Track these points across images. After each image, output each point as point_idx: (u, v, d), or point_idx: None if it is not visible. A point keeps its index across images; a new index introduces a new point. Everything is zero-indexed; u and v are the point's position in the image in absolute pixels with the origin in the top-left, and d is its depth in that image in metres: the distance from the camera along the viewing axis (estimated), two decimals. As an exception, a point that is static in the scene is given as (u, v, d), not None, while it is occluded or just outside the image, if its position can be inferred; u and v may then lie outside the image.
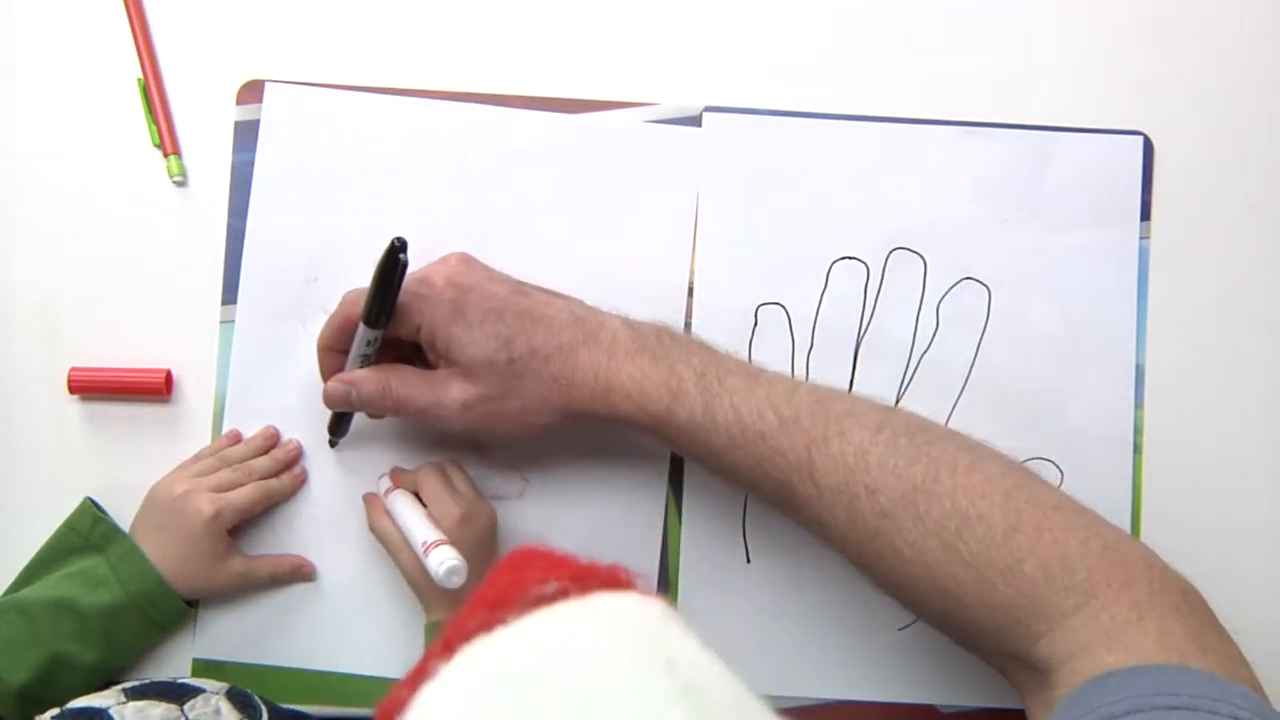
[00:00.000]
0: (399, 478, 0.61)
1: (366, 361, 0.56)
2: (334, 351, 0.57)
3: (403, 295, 0.54)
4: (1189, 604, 0.45)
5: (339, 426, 0.61)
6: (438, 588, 0.54)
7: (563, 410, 0.53)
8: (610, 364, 0.53)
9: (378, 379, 0.55)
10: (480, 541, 0.58)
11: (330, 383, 0.56)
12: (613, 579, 0.28)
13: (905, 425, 0.50)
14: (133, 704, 0.51)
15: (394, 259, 0.52)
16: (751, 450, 0.51)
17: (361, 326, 0.55)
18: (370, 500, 0.61)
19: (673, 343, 0.54)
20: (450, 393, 0.53)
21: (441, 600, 0.57)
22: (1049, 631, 0.45)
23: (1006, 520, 0.46)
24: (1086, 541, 0.46)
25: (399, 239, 0.52)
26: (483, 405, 0.53)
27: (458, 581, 0.53)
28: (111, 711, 0.49)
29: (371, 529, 0.60)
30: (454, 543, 0.55)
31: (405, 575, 0.58)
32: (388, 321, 0.54)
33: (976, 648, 0.50)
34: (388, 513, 0.59)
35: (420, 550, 0.55)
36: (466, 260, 0.56)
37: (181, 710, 0.52)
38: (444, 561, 0.53)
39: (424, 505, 0.58)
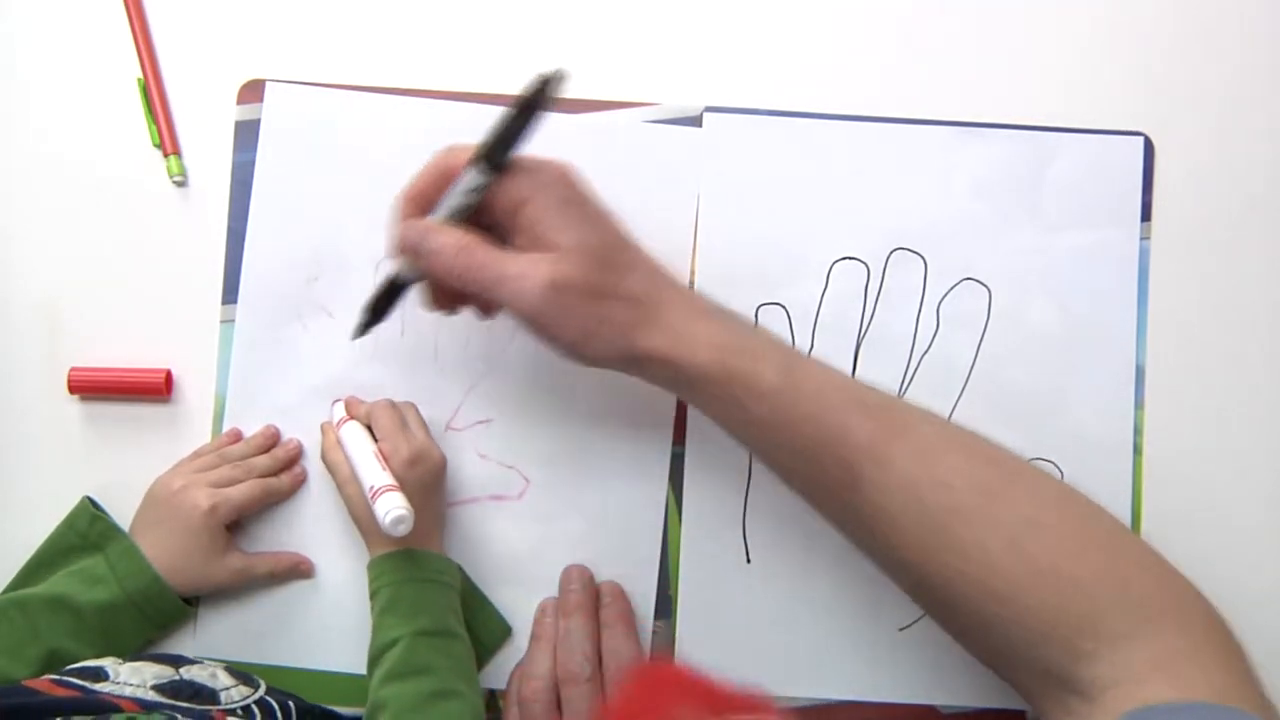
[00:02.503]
0: (353, 407, 0.61)
1: (455, 219, 0.50)
2: (416, 204, 0.52)
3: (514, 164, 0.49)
4: (1238, 647, 0.44)
5: (380, 305, 0.55)
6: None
7: (632, 346, 0.50)
8: (692, 310, 0.51)
9: (460, 232, 0.50)
10: (428, 484, 0.58)
11: (406, 221, 0.51)
12: (752, 705, 0.27)
13: (979, 437, 0.50)
14: (130, 664, 0.51)
15: (542, 92, 0.47)
16: (825, 424, 0.49)
17: (469, 171, 0.49)
18: (325, 429, 0.61)
19: (745, 319, 0.52)
20: (540, 268, 0.48)
21: (383, 538, 0.57)
22: (1096, 650, 0.44)
23: (1075, 531, 0.46)
24: (1147, 568, 0.45)
25: (555, 71, 0.47)
26: (568, 294, 0.48)
27: (403, 530, 0.54)
28: (108, 668, 0.50)
29: (323, 459, 0.61)
30: (401, 483, 0.55)
31: (350, 509, 0.59)
32: (506, 166, 0.49)
33: (1007, 662, 0.49)
34: (340, 444, 0.59)
35: (368, 493, 0.55)
36: (575, 170, 0.52)
37: (177, 671, 0.52)
38: (390, 510, 0.53)
39: (375, 440, 0.59)
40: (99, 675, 0.49)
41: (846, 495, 0.50)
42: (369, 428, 0.60)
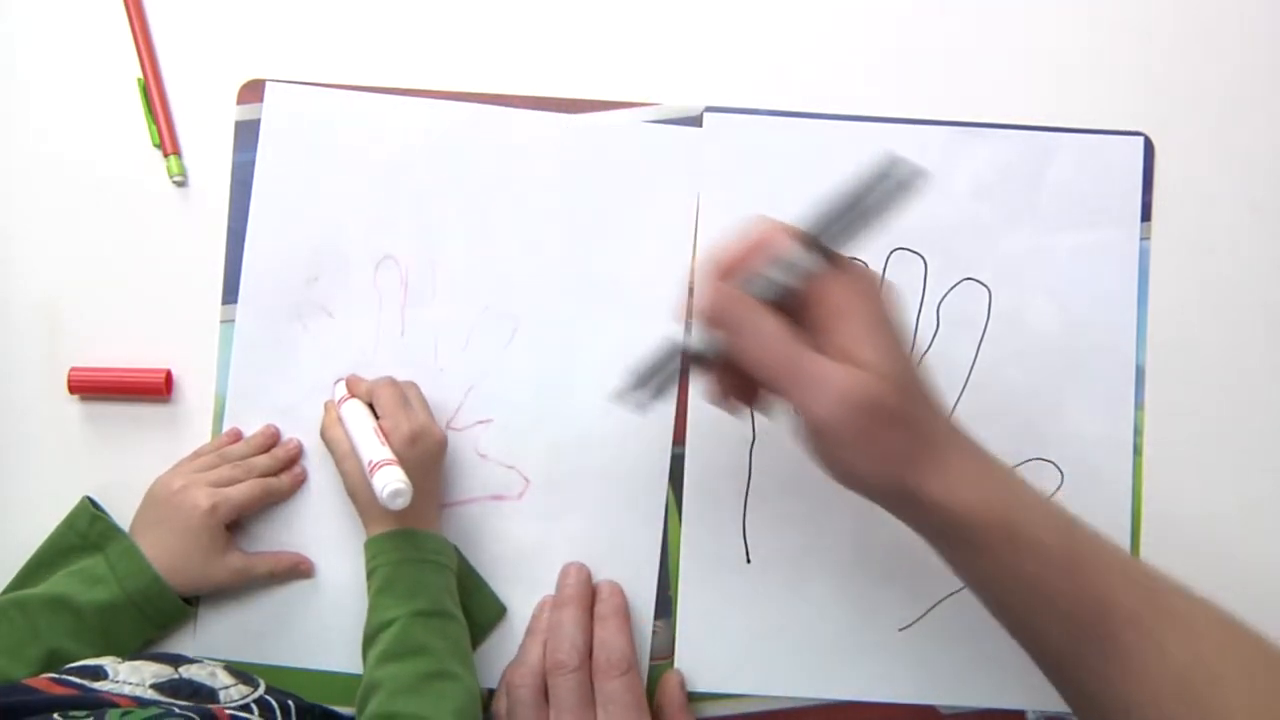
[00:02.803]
0: (355, 385, 0.61)
1: (765, 297, 0.46)
2: (726, 270, 0.48)
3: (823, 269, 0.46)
4: None
5: (656, 374, 0.50)
6: (379, 505, 0.54)
7: (904, 481, 0.46)
8: (975, 456, 0.48)
9: (777, 318, 0.46)
10: (427, 463, 0.58)
11: (725, 290, 0.46)
12: None
13: (1260, 636, 0.46)
14: (129, 663, 0.51)
15: (888, 181, 0.44)
16: (1093, 594, 0.46)
17: (795, 250, 0.46)
18: (327, 407, 0.61)
19: (1018, 471, 0.49)
20: (844, 380, 0.44)
21: (381, 517, 0.58)
22: None
23: None
24: None
25: (896, 158, 0.43)
26: (862, 414, 0.45)
27: (401, 504, 0.53)
28: (107, 667, 0.50)
29: (322, 435, 0.61)
30: (401, 459, 0.55)
31: (347, 486, 0.59)
32: (832, 256, 0.45)
33: None
34: (340, 420, 0.59)
35: (366, 468, 0.55)
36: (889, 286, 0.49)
37: (176, 670, 0.52)
38: (388, 484, 0.53)
39: (377, 418, 0.59)
40: (98, 674, 0.49)
41: (1099, 667, 0.46)
42: (371, 406, 0.60)
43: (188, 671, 0.52)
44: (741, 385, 0.51)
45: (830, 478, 0.48)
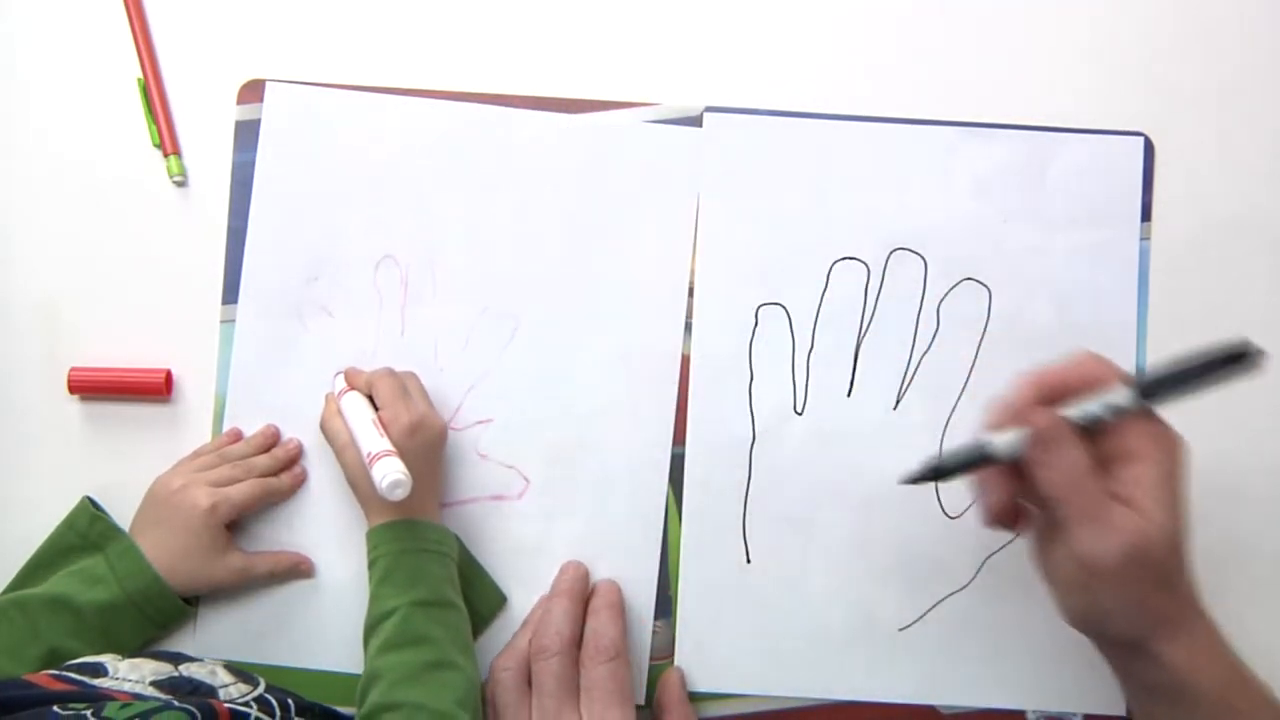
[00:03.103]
0: (354, 377, 0.61)
1: (1078, 426, 0.48)
2: (1046, 390, 0.49)
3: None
4: None
5: (952, 470, 0.52)
6: (379, 496, 0.54)
7: (1148, 640, 0.48)
8: (1217, 635, 0.49)
9: (1084, 452, 0.47)
10: (427, 453, 0.58)
11: (1051, 413, 0.48)
12: None
13: None
14: (129, 660, 0.51)
15: (1235, 359, 0.46)
16: None
17: (1121, 391, 0.48)
18: (327, 399, 0.61)
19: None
20: (1130, 528, 0.46)
21: (382, 508, 0.58)
22: None
23: None
24: None
25: (1250, 344, 0.46)
26: (1135, 566, 0.46)
27: (400, 494, 0.53)
28: (107, 664, 0.50)
29: (322, 427, 0.60)
30: (400, 451, 0.55)
31: (348, 477, 0.59)
32: (1148, 408, 0.48)
33: None
34: (340, 413, 0.59)
35: (366, 460, 0.55)
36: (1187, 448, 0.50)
37: (176, 668, 0.52)
38: (387, 474, 0.53)
39: (376, 409, 0.59)
40: (98, 671, 0.49)
41: None
42: (370, 398, 0.60)
43: (187, 669, 0.52)
44: (1012, 500, 0.51)
45: (1065, 613, 0.50)
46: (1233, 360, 0.46)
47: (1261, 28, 0.65)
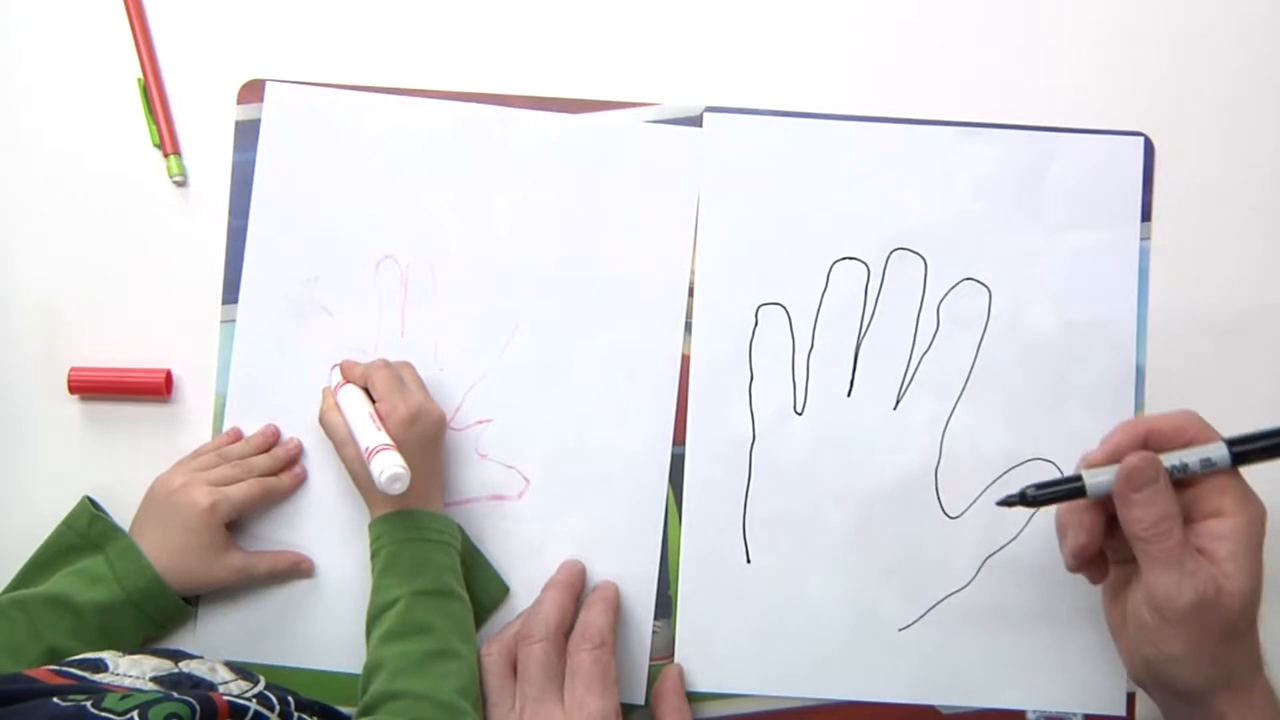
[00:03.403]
0: (349, 370, 0.61)
1: (1169, 473, 0.50)
2: (1151, 437, 0.52)
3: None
4: None
5: (1043, 498, 0.53)
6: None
7: (1206, 694, 0.50)
8: (1275, 702, 0.51)
9: (1175, 503, 0.49)
10: (425, 443, 0.58)
11: (1151, 456, 0.50)
12: None
13: None
14: (129, 656, 0.51)
15: None
16: None
17: (1219, 448, 0.50)
18: (324, 394, 0.61)
19: None
20: (1206, 581, 0.48)
21: (383, 499, 0.57)
22: None
23: None
24: None
25: None
26: (1205, 616, 0.48)
27: (399, 488, 0.53)
28: (107, 660, 0.50)
29: (320, 422, 0.60)
30: (398, 442, 0.55)
31: (349, 471, 0.59)
32: (1236, 467, 0.50)
33: None
34: (337, 406, 0.59)
35: (364, 454, 0.55)
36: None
37: (176, 665, 0.52)
38: (385, 469, 0.53)
39: (373, 401, 0.58)
40: (98, 666, 0.49)
41: None
42: (367, 390, 0.60)
43: (188, 666, 0.53)
44: (1095, 544, 0.53)
45: (1132, 663, 0.51)
46: None
47: (1261, 28, 0.65)
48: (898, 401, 0.63)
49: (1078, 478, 0.52)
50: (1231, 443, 0.50)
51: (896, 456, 0.62)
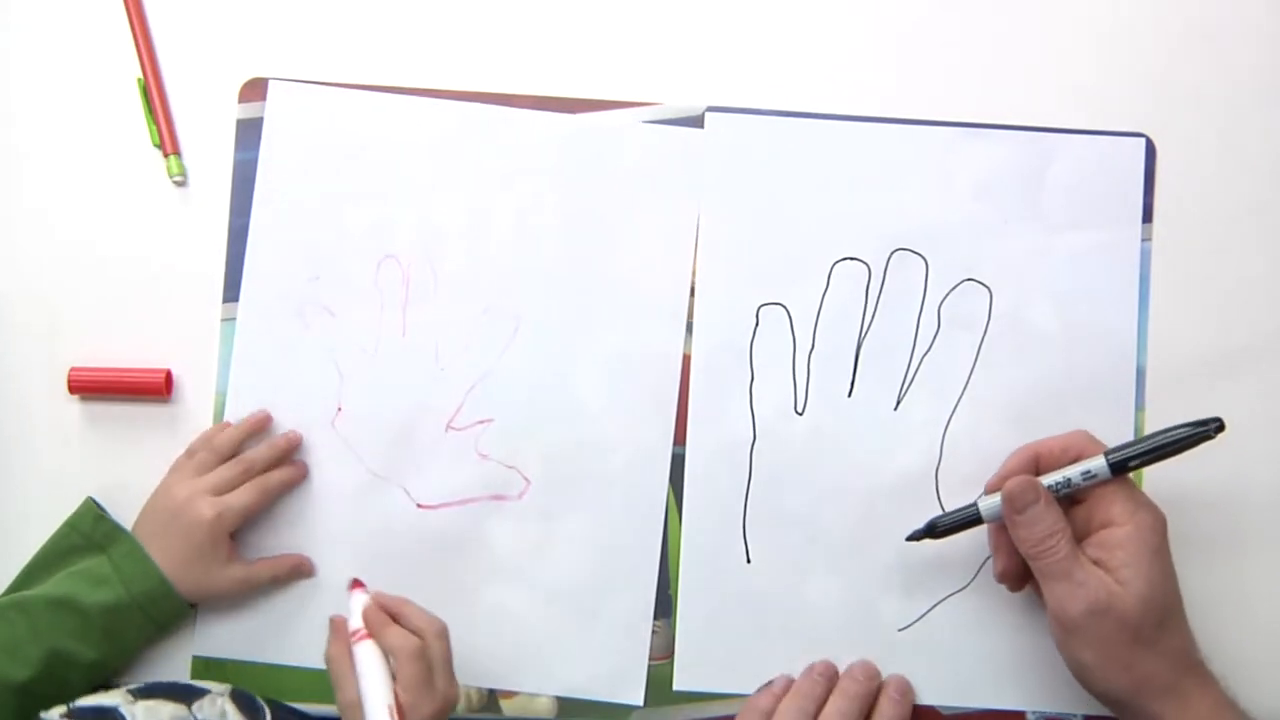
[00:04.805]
0: (374, 621, 0.56)
1: (1056, 491, 0.54)
2: (1030, 460, 0.56)
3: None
4: None
5: (946, 528, 0.58)
6: None
7: (1137, 701, 0.51)
8: (1219, 704, 0.52)
9: (1061, 517, 0.53)
10: None
11: (1029, 479, 0.54)
12: None
13: None
14: (142, 703, 0.51)
15: (1208, 432, 0.53)
16: None
17: (1099, 461, 0.53)
18: (336, 626, 0.57)
19: None
20: (1100, 590, 0.51)
21: None
22: None
23: None
24: None
25: (1211, 419, 0.53)
26: (1108, 623, 0.51)
27: None
28: (122, 709, 0.50)
29: (326, 659, 0.56)
30: None
31: (340, 711, 0.55)
32: (1121, 478, 0.53)
33: None
34: (353, 661, 0.54)
35: None
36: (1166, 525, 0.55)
37: (189, 710, 0.52)
38: None
39: (394, 677, 0.54)
40: (112, 716, 0.49)
41: None
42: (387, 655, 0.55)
43: (200, 710, 0.52)
44: (1016, 562, 0.56)
45: (1067, 666, 0.54)
46: (1194, 433, 0.53)
47: (1262, 28, 0.65)
48: (898, 402, 0.63)
49: (974, 505, 0.56)
50: (1110, 453, 0.53)
51: (897, 457, 0.62)
